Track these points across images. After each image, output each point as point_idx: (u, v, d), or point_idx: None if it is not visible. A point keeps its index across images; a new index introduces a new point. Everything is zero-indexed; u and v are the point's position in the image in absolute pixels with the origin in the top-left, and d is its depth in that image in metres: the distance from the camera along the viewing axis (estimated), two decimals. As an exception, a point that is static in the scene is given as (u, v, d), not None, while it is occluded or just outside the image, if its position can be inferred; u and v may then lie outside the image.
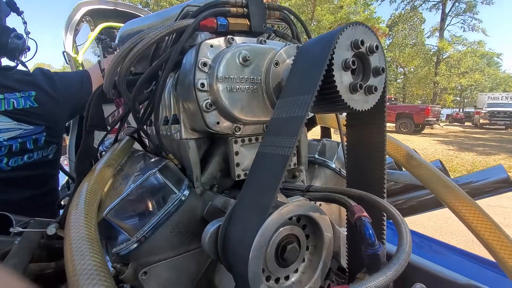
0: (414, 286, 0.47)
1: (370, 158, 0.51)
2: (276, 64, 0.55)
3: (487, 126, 16.93)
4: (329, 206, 0.74)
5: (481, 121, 17.02)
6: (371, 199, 0.44)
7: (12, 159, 0.93)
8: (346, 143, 0.56)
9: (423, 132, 14.53)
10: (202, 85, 0.52)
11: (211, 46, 0.54)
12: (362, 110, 0.45)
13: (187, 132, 0.61)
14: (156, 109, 0.58)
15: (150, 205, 0.50)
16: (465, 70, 23.72)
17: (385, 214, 0.47)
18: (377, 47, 0.44)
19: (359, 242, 0.41)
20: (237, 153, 0.59)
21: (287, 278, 0.42)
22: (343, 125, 0.58)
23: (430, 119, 13.74)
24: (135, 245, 0.48)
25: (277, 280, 0.41)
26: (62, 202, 0.93)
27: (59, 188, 1.34)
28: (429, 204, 0.93)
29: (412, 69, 26.41)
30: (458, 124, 21.07)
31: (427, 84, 25.29)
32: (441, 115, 17.38)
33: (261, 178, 0.40)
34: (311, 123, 0.84)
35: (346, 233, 0.59)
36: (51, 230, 0.55)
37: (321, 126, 0.91)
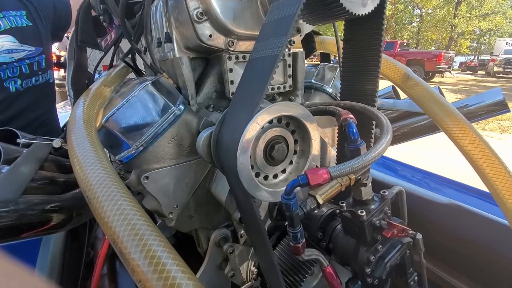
0: (393, 188, 0.50)
1: (364, 70, 0.50)
2: (271, -32, 0.51)
3: (501, 75, 16.12)
4: (323, 130, 0.76)
5: (495, 69, 16.13)
6: (359, 106, 0.45)
7: (25, 81, 0.97)
8: (342, 58, 0.54)
9: (432, 80, 13.95)
10: (192, -9, 0.50)
11: None
12: (359, 14, 0.43)
13: (181, 50, 0.60)
14: (146, 18, 0.56)
15: (146, 116, 0.52)
16: (486, 12, 21.71)
17: (373, 122, 0.48)
18: None
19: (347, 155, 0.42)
20: (231, 70, 0.58)
21: (275, 176, 0.46)
22: (341, 39, 0.56)
23: (441, 66, 13.04)
24: (134, 152, 0.51)
25: (265, 177, 0.45)
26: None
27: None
28: (421, 130, 0.95)
29: (429, 11, 24.24)
30: (471, 72, 20.06)
31: (443, 27, 23.45)
32: (454, 63, 16.44)
33: (251, 81, 0.41)
34: (310, 48, 0.81)
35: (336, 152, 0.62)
36: (56, 143, 0.58)
37: (320, 53, 0.88)
